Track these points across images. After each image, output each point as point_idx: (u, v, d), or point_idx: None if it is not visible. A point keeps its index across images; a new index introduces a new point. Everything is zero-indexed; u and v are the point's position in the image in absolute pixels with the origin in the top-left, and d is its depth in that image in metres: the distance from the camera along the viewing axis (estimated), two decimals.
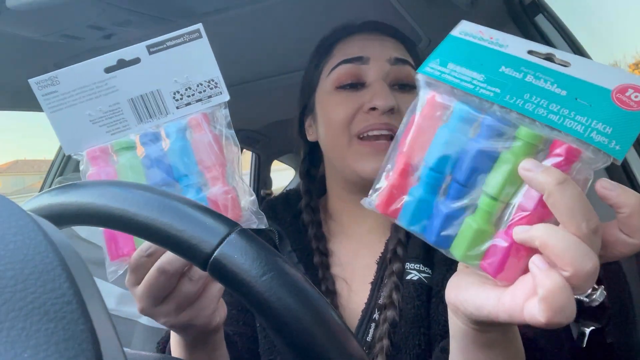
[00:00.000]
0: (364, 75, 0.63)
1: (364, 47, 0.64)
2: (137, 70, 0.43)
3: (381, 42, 0.65)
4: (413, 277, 0.62)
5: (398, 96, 0.62)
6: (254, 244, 0.30)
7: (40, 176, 2.72)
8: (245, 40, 1.19)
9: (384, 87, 0.61)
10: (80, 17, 0.86)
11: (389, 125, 0.60)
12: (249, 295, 0.29)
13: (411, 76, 0.64)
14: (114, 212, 0.31)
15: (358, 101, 0.62)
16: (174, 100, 0.44)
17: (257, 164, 2.63)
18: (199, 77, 0.45)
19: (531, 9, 1.00)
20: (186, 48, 0.43)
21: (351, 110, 0.62)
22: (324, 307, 0.30)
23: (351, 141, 0.62)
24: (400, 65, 0.63)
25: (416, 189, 0.36)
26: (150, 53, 0.42)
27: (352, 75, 0.63)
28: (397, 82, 0.64)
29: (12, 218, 0.20)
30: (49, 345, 0.16)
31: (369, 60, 0.63)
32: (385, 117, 0.60)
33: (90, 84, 0.41)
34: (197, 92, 0.45)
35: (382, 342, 0.58)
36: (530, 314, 0.29)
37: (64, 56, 1.13)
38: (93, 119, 0.41)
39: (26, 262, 0.18)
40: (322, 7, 1.03)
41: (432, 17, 1.09)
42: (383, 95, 0.60)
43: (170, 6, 0.92)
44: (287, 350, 0.29)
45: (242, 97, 1.65)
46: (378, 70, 0.63)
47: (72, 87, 0.41)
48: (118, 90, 0.42)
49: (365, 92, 0.62)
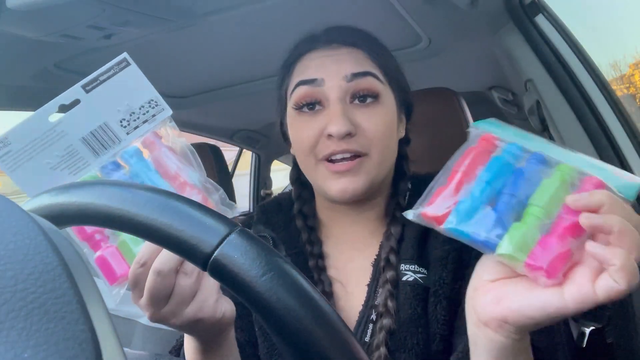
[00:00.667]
0: (323, 97, 0.63)
1: (319, 67, 0.63)
2: (79, 110, 0.45)
3: (338, 58, 0.64)
4: (408, 278, 0.62)
5: (358, 113, 0.62)
6: (254, 244, 0.30)
7: None
8: (245, 40, 1.19)
9: (339, 111, 0.60)
10: (80, 17, 0.86)
11: (348, 150, 0.61)
12: (249, 295, 0.29)
13: (372, 86, 0.63)
14: (114, 212, 0.31)
15: (319, 125, 0.62)
16: (122, 128, 0.47)
17: (257, 164, 2.63)
18: (138, 101, 0.47)
19: (531, 9, 1.00)
20: (119, 78, 0.46)
21: (314, 135, 0.62)
22: (325, 307, 0.30)
23: (317, 164, 0.63)
24: (358, 79, 0.62)
25: (469, 197, 0.42)
26: (87, 91, 0.47)
27: (308, 97, 0.63)
28: (357, 96, 0.63)
29: (12, 218, 0.20)
30: (49, 345, 0.16)
31: (324, 81, 0.62)
32: (344, 143, 0.60)
33: (40, 135, 0.44)
34: (141, 115, 0.49)
35: (380, 351, 0.58)
36: (606, 288, 0.35)
37: (64, 56, 1.13)
38: (52, 165, 0.45)
39: (26, 262, 0.18)
40: (323, 7, 1.03)
41: (432, 17, 1.09)
42: (336, 121, 0.60)
43: (170, 6, 0.92)
44: (287, 351, 0.29)
45: (242, 97, 1.65)
46: (334, 90, 0.62)
47: (24, 143, 0.43)
48: (68, 134, 0.45)
49: (325, 114, 0.62)
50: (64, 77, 1.25)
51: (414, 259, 0.63)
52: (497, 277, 0.42)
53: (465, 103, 1.10)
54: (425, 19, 1.10)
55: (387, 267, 0.63)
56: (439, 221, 0.42)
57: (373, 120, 0.62)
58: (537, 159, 0.42)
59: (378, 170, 0.63)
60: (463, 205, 0.42)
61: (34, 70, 1.19)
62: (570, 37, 0.98)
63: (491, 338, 0.41)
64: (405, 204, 0.68)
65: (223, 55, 1.29)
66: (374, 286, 0.64)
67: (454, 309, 0.60)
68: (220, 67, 1.39)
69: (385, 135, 0.63)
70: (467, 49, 1.32)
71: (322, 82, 0.62)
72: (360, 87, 0.62)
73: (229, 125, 2.19)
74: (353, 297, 0.65)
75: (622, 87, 4.74)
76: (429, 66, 1.42)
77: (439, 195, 0.44)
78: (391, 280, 0.62)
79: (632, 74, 5.07)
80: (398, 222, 0.67)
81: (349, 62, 0.63)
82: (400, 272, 0.63)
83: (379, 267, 0.65)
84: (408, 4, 1.01)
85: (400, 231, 0.66)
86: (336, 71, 0.62)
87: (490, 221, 0.40)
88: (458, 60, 1.42)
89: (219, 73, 1.45)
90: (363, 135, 0.61)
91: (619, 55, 5.78)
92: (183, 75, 1.43)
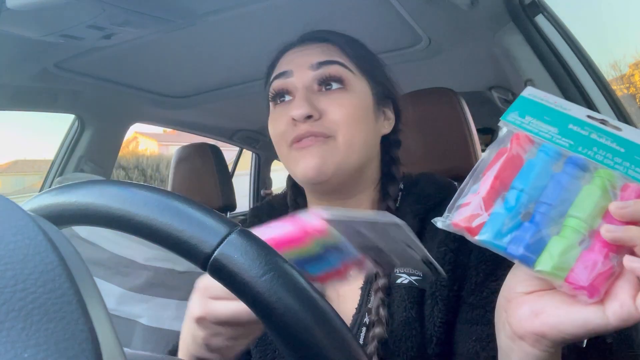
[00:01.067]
0: (292, 88, 0.66)
1: (290, 61, 0.68)
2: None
3: (306, 51, 0.68)
4: (403, 280, 0.62)
5: (323, 98, 0.64)
6: (254, 244, 0.30)
7: (40, 176, 2.74)
8: (245, 40, 1.19)
9: (301, 96, 0.64)
10: (80, 17, 0.86)
11: (311, 131, 0.63)
12: (249, 295, 0.29)
13: (337, 72, 0.65)
14: (114, 212, 0.31)
15: (286, 113, 0.65)
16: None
17: (257, 164, 2.63)
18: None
19: (531, 9, 1.00)
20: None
21: (283, 123, 0.65)
22: (325, 307, 0.30)
23: (289, 152, 0.66)
24: (324, 67, 0.65)
25: (504, 207, 0.40)
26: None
27: (279, 88, 0.67)
28: (323, 83, 0.66)
29: (12, 218, 0.20)
30: (49, 345, 0.16)
31: (292, 72, 0.66)
32: (307, 126, 0.63)
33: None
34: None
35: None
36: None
37: (64, 56, 1.13)
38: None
39: (26, 262, 0.18)
40: (323, 7, 1.03)
41: (432, 17, 1.09)
42: (296, 105, 0.63)
43: (169, 6, 0.92)
44: (287, 351, 0.29)
45: (242, 97, 1.65)
46: (301, 80, 0.65)
47: None
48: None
49: (293, 102, 0.66)
50: (64, 77, 1.25)
51: None
52: (532, 289, 0.40)
53: (465, 103, 1.10)
54: (425, 19, 1.10)
55: (378, 275, 0.63)
56: (472, 232, 0.40)
57: (338, 105, 0.64)
58: (574, 163, 0.40)
59: (345, 153, 0.63)
60: (498, 216, 0.39)
61: (34, 70, 1.19)
62: (570, 37, 0.98)
63: (527, 351, 0.41)
64: (395, 207, 0.68)
65: (223, 55, 1.29)
66: (367, 289, 0.64)
67: (452, 311, 0.60)
68: (220, 67, 1.39)
69: (352, 119, 0.64)
70: (467, 49, 1.32)
71: (291, 73, 0.66)
72: (326, 73, 0.65)
73: (229, 125, 2.19)
74: (346, 300, 0.65)
75: (622, 87, 4.74)
76: (429, 66, 1.42)
77: (470, 203, 0.41)
78: (383, 287, 0.62)
79: (632, 74, 5.08)
80: None
81: (317, 54, 0.67)
82: (394, 275, 0.63)
83: (372, 281, 0.65)
84: (408, 4, 1.01)
85: None
86: (303, 62, 0.66)
87: (527, 235, 0.38)
88: (458, 60, 1.42)
89: (219, 73, 1.45)
90: (327, 119, 0.63)
91: (619, 55, 5.79)
92: (183, 75, 1.43)
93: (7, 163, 11.59)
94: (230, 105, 1.79)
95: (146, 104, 1.61)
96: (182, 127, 2.05)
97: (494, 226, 0.39)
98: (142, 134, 14.28)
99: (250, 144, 2.43)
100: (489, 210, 0.40)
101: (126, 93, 1.48)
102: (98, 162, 1.58)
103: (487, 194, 0.40)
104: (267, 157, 2.64)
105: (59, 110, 1.43)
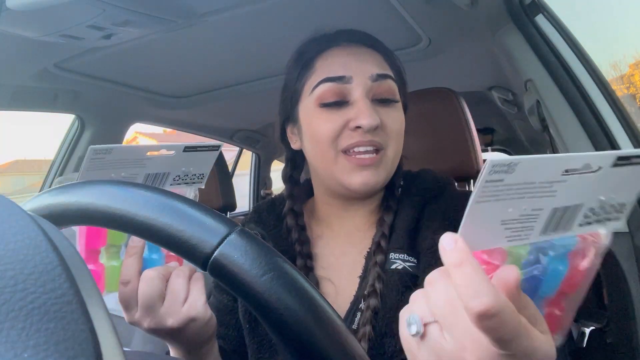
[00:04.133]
0: (348, 94, 0.65)
1: (346, 65, 0.66)
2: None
3: (362, 57, 0.67)
4: (398, 266, 0.63)
5: (380, 111, 0.65)
6: (254, 244, 0.30)
7: (40, 176, 2.75)
8: (245, 40, 1.19)
9: (368, 106, 0.64)
10: (80, 17, 0.86)
11: (373, 142, 0.64)
12: (249, 295, 0.29)
13: (392, 90, 0.67)
14: (114, 212, 0.31)
15: (343, 118, 0.64)
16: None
17: (257, 164, 2.63)
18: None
19: (531, 9, 1.00)
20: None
21: (337, 127, 0.64)
22: (324, 307, 0.30)
23: (337, 156, 0.65)
24: (381, 80, 0.66)
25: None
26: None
27: (336, 94, 0.65)
28: (378, 98, 0.66)
29: (12, 218, 0.20)
30: (49, 345, 0.16)
31: (352, 79, 0.65)
32: (370, 135, 0.63)
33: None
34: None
35: (365, 328, 0.60)
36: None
37: (64, 56, 1.13)
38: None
39: (26, 262, 0.18)
40: (323, 7, 1.03)
41: (432, 17, 1.09)
42: (367, 115, 0.63)
43: (169, 6, 0.92)
44: (287, 350, 0.29)
45: (242, 97, 1.65)
46: (361, 88, 0.65)
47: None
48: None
49: (349, 109, 0.65)
50: (64, 77, 1.25)
51: (403, 248, 0.65)
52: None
53: (465, 103, 1.10)
54: (425, 19, 1.10)
55: (377, 251, 0.65)
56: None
57: (391, 118, 0.66)
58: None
59: (392, 165, 0.67)
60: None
61: (34, 70, 1.19)
62: (570, 37, 0.98)
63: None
64: (398, 194, 0.71)
65: (223, 55, 1.29)
66: (365, 277, 0.66)
67: None
68: (221, 67, 1.39)
69: (400, 133, 0.67)
70: (467, 49, 1.32)
71: (350, 79, 0.65)
72: (383, 89, 0.66)
73: (229, 125, 2.19)
74: (344, 291, 0.67)
75: (622, 87, 4.74)
76: (429, 66, 1.42)
77: None
78: (380, 263, 0.64)
79: (632, 74, 5.08)
80: (391, 211, 0.69)
81: (373, 63, 0.67)
82: (389, 259, 0.65)
83: (371, 258, 0.66)
84: (408, 4, 1.01)
85: (392, 218, 0.68)
86: (362, 69, 0.66)
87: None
88: (458, 60, 1.42)
89: (219, 73, 1.45)
90: (383, 131, 0.65)
91: (619, 55, 5.78)
92: (183, 75, 1.43)
93: (7, 163, 11.57)
94: (230, 105, 1.79)
95: (146, 104, 1.61)
96: (182, 127, 2.05)
97: None
98: (142, 134, 14.27)
99: (250, 144, 2.43)
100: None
101: (126, 93, 1.48)
102: None
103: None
104: (267, 157, 2.64)
105: (59, 110, 1.43)
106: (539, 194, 0.35)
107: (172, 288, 0.52)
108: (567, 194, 0.36)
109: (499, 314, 0.28)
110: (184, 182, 0.60)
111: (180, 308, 0.51)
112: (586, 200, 0.38)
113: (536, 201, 0.36)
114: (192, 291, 0.53)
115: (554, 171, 0.35)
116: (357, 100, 0.64)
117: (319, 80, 0.66)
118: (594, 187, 0.37)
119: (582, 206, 0.38)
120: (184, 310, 0.51)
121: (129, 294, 0.51)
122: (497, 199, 0.34)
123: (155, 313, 0.51)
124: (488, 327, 0.28)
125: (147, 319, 0.51)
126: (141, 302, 0.51)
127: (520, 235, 0.36)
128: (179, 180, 0.59)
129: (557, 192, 0.36)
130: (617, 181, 0.37)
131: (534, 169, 0.34)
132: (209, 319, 0.54)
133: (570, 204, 0.37)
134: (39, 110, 1.38)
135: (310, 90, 0.67)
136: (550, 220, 0.37)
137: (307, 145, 0.69)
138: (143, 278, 0.51)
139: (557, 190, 0.36)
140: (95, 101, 1.46)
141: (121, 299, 0.52)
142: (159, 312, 0.51)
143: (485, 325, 0.28)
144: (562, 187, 0.36)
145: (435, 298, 0.32)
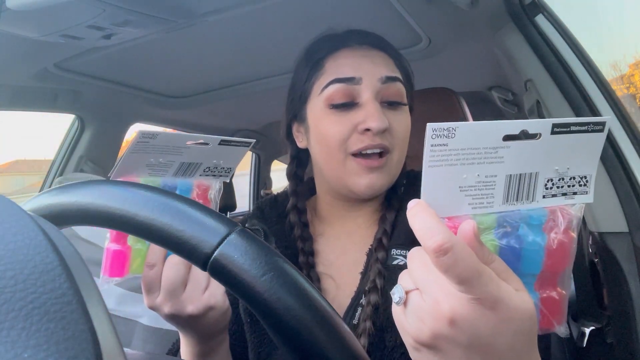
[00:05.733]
0: (357, 95, 0.65)
1: (356, 66, 0.66)
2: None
3: (372, 59, 0.67)
4: (399, 262, 0.64)
5: (389, 114, 0.65)
6: (254, 244, 0.30)
7: (40, 176, 2.75)
8: (245, 40, 1.19)
9: (377, 108, 0.63)
10: (80, 17, 0.86)
11: (382, 144, 0.64)
12: (249, 295, 0.29)
13: (400, 93, 0.67)
14: (114, 212, 0.31)
15: (352, 121, 0.64)
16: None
17: (257, 164, 2.63)
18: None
19: (531, 9, 1.00)
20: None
21: (346, 130, 0.64)
22: (324, 307, 0.30)
23: (346, 159, 0.65)
24: (390, 83, 0.65)
25: None
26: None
27: (345, 95, 0.65)
28: (387, 100, 0.66)
29: (12, 218, 0.20)
30: (49, 345, 0.16)
31: (361, 80, 0.65)
32: (378, 138, 0.63)
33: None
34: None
35: (365, 324, 0.60)
36: None
37: (64, 56, 1.13)
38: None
39: (26, 262, 0.18)
40: (323, 7, 1.03)
41: (432, 17, 1.09)
42: (376, 117, 0.62)
43: (169, 6, 0.92)
44: (287, 350, 0.29)
45: (242, 97, 1.65)
46: (370, 90, 0.64)
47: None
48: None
49: (358, 111, 0.64)
50: (64, 77, 1.25)
51: (405, 244, 0.65)
52: None
53: (465, 103, 1.10)
54: (425, 19, 1.10)
55: (378, 248, 0.65)
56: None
57: (398, 121, 0.66)
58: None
59: (397, 168, 0.67)
60: None
61: (34, 70, 1.19)
62: (570, 37, 0.98)
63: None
64: (401, 192, 0.71)
65: (223, 55, 1.29)
66: (366, 273, 0.66)
67: None
68: (221, 67, 1.39)
69: (406, 136, 0.68)
70: (467, 49, 1.32)
71: (360, 80, 0.65)
72: (392, 91, 0.66)
73: (229, 125, 2.19)
74: (345, 288, 0.67)
75: (622, 87, 4.75)
76: (429, 66, 1.42)
77: None
78: (381, 259, 0.64)
79: (632, 74, 5.08)
80: (393, 209, 0.69)
81: (382, 65, 0.67)
82: (391, 255, 0.65)
83: (372, 255, 0.66)
84: (408, 4, 1.01)
85: (394, 216, 0.68)
86: (372, 71, 0.65)
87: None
88: (458, 60, 1.42)
89: (219, 73, 1.45)
90: (390, 134, 0.65)
91: (619, 55, 5.77)
92: (183, 75, 1.43)
93: (7, 163, 11.56)
94: (230, 105, 1.79)
95: (146, 104, 1.61)
96: (182, 127, 2.05)
97: None
98: None
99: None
100: None
101: (126, 93, 1.48)
102: (98, 162, 1.58)
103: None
104: (267, 157, 2.64)
105: (59, 110, 1.43)
106: (486, 159, 0.37)
107: (195, 275, 0.53)
108: (517, 161, 0.38)
109: (452, 249, 0.30)
110: (212, 174, 0.61)
111: (201, 295, 0.53)
112: (540, 169, 0.39)
113: (487, 167, 0.37)
114: (212, 280, 0.54)
115: (494, 137, 0.37)
116: (366, 102, 0.64)
117: (328, 80, 0.65)
118: (542, 156, 0.38)
119: (537, 175, 0.39)
120: (204, 298, 0.53)
121: (153, 278, 0.52)
122: (448, 164, 0.36)
123: (177, 299, 0.52)
124: (444, 264, 0.31)
125: (168, 304, 0.52)
126: (164, 286, 0.52)
127: (482, 202, 0.38)
128: (208, 172, 0.60)
129: (504, 159, 0.37)
130: (566, 151, 0.38)
131: (473, 133, 0.36)
132: (226, 309, 0.55)
133: (524, 172, 0.39)
134: (39, 110, 1.37)
135: (319, 90, 0.67)
136: (508, 188, 0.38)
137: (315, 146, 0.69)
138: (168, 263, 0.52)
139: (503, 157, 0.37)
140: (95, 101, 1.46)
141: (145, 282, 0.52)
142: (180, 298, 0.52)
143: (442, 262, 0.31)
144: (508, 154, 0.37)
145: (413, 267, 0.35)
